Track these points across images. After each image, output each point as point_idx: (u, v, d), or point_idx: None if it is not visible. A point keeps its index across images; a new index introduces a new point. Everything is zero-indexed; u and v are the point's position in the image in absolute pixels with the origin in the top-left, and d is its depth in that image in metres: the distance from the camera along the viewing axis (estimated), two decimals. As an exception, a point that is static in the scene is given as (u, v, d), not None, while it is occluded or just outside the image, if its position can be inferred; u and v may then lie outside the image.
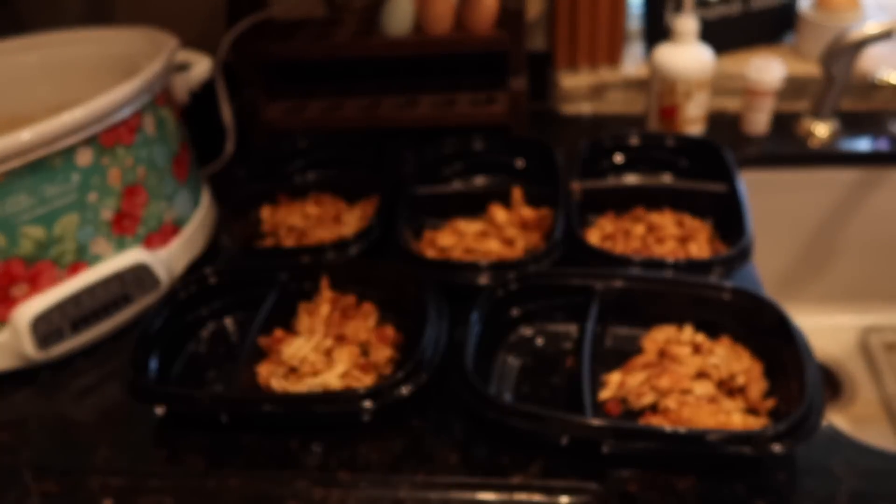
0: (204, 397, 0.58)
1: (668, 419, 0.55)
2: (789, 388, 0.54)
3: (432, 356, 0.58)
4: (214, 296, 0.71)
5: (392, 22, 0.92)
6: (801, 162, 0.93)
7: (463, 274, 0.68)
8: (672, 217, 0.77)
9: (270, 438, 0.59)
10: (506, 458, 0.55)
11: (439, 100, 0.98)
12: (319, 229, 0.81)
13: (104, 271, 0.69)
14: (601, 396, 0.59)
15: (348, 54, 0.94)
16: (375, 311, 0.69)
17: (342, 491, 0.55)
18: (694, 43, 0.88)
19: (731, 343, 0.61)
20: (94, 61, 0.84)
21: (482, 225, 0.79)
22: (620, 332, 0.65)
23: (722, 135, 0.95)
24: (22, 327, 0.65)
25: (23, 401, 0.67)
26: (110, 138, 0.66)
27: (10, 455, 0.61)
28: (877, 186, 0.95)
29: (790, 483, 0.52)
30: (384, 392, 0.55)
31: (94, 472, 0.58)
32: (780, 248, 1.04)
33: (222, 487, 0.56)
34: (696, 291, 0.63)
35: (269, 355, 0.64)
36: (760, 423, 0.54)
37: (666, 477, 0.53)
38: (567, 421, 0.53)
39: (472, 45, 0.91)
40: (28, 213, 0.62)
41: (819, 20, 0.96)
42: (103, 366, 0.70)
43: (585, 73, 1.03)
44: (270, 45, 0.95)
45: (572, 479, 0.53)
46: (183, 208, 0.78)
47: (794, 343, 0.55)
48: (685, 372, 0.59)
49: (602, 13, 0.97)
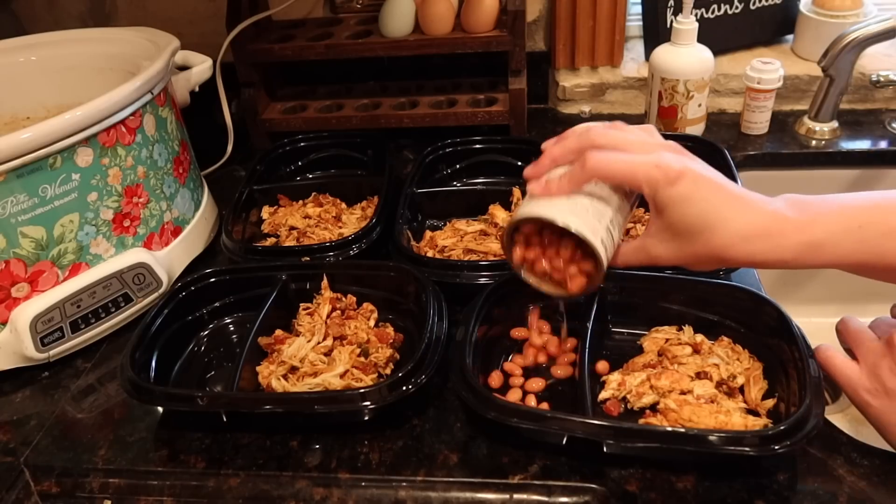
0: (204, 397, 0.58)
1: (667, 419, 0.55)
2: (789, 389, 0.54)
3: (432, 356, 0.58)
4: (214, 296, 0.71)
5: (392, 22, 0.92)
6: (801, 162, 0.93)
7: (463, 274, 0.68)
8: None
9: (270, 438, 0.59)
10: (506, 458, 0.55)
11: (439, 100, 0.98)
12: (319, 229, 0.81)
13: (104, 271, 0.69)
14: (601, 396, 0.59)
15: (348, 54, 0.94)
16: (375, 311, 0.69)
17: (342, 491, 0.55)
18: (694, 43, 0.88)
19: (731, 343, 0.61)
20: (94, 61, 0.84)
21: (482, 225, 0.79)
22: (620, 333, 0.65)
23: (722, 135, 0.95)
24: (22, 327, 0.65)
25: (23, 401, 0.67)
26: (110, 138, 0.66)
27: (10, 455, 0.61)
28: (876, 186, 0.95)
29: (790, 483, 0.52)
30: (384, 392, 0.55)
31: (94, 472, 0.58)
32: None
33: (222, 487, 0.56)
34: (695, 291, 0.63)
35: (269, 355, 0.64)
36: (760, 423, 0.54)
37: (666, 477, 0.53)
38: (567, 421, 0.53)
39: (472, 45, 0.91)
40: (28, 213, 0.62)
41: (819, 20, 0.96)
42: (103, 366, 0.70)
43: (585, 73, 1.03)
44: (270, 45, 0.95)
45: (572, 479, 0.53)
46: (183, 208, 0.78)
47: (794, 343, 0.55)
48: (685, 372, 0.59)
49: (602, 13, 0.97)
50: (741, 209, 0.48)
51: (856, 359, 0.54)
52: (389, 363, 0.64)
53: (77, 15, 1.12)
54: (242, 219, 0.83)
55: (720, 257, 0.50)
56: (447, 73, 1.03)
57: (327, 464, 0.57)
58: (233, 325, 0.72)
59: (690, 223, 0.49)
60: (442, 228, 0.80)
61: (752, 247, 0.48)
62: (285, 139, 0.94)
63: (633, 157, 0.50)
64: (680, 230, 0.50)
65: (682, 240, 0.50)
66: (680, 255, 0.51)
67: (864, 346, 0.54)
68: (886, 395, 0.51)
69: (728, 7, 0.99)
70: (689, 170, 0.49)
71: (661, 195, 0.49)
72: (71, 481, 0.58)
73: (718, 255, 0.49)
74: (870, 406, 0.52)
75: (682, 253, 0.51)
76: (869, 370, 0.52)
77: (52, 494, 0.57)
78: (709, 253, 0.49)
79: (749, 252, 0.49)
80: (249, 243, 0.81)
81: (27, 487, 0.58)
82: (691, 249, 0.50)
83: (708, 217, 0.48)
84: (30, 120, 0.86)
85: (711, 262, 0.50)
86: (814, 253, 0.48)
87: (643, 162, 0.49)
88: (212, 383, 0.66)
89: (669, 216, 0.50)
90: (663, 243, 0.52)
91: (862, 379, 0.52)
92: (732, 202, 0.49)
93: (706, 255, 0.50)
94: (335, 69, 1.06)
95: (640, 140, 0.52)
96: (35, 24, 1.12)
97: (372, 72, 1.06)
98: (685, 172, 0.49)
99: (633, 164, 0.50)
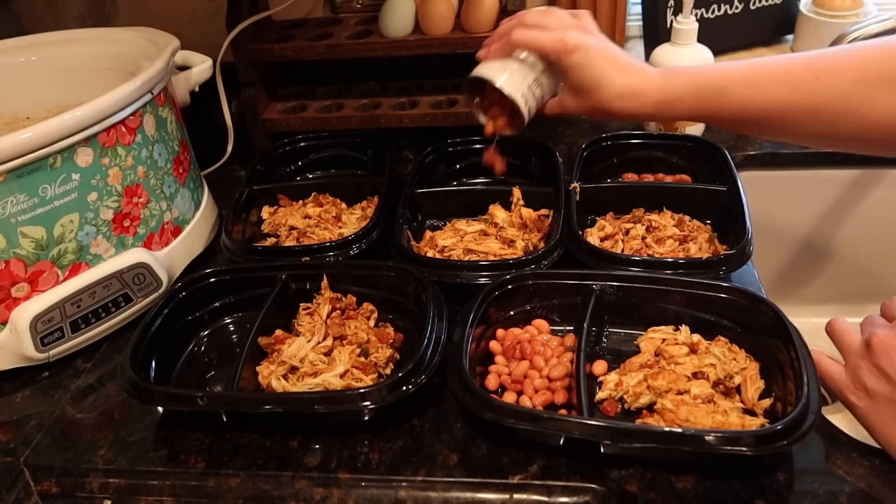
0: (204, 397, 0.58)
1: (664, 419, 0.55)
2: (786, 388, 0.55)
3: (432, 356, 0.58)
4: (214, 296, 0.71)
5: (392, 22, 0.92)
6: (800, 162, 0.93)
7: (463, 274, 0.68)
8: (672, 217, 0.77)
9: (270, 438, 0.59)
10: (506, 458, 0.55)
11: (439, 100, 0.98)
12: (319, 229, 0.81)
13: (104, 271, 0.69)
14: (598, 396, 0.59)
15: (348, 54, 0.94)
16: (375, 311, 0.69)
17: (342, 491, 0.55)
18: (694, 43, 0.88)
19: (728, 343, 0.61)
20: (94, 61, 0.84)
21: (482, 225, 0.79)
22: (617, 333, 0.66)
23: (722, 135, 0.95)
24: (22, 327, 0.65)
25: (23, 401, 0.67)
26: (110, 138, 0.66)
27: (10, 455, 0.61)
28: (876, 186, 0.95)
29: (790, 483, 0.52)
30: (384, 392, 0.55)
31: (94, 472, 0.58)
32: (779, 248, 1.04)
33: (222, 487, 0.56)
34: (692, 291, 0.63)
35: (269, 355, 0.64)
36: (757, 422, 0.54)
37: (666, 477, 0.53)
38: (564, 421, 0.53)
39: (472, 45, 0.91)
40: (28, 213, 0.62)
41: (819, 20, 0.96)
42: (103, 366, 0.70)
43: (585, 73, 1.03)
44: (270, 45, 0.95)
45: (572, 479, 0.53)
46: (183, 208, 0.78)
47: (791, 343, 0.55)
48: (682, 372, 0.59)
49: (602, 13, 0.97)
50: (622, 73, 0.61)
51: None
52: (389, 363, 0.64)
53: (77, 15, 1.12)
54: (242, 219, 0.83)
55: (606, 109, 0.63)
56: (447, 73, 1.03)
57: (327, 464, 0.57)
58: (233, 325, 0.72)
59: (585, 84, 0.62)
60: (442, 228, 0.80)
61: (624, 102, 0.62)
62: (285, 139, 0.94)
63: (544, 33, 0.63)
64: (578, 89, 0.63)
65: (582, 96, 0.64)
66: (582, 107, 0.65)
67: (847, 348, 0.55)
68: (869, 396, 0.52)
69: (728, 7, 0.99)
70: (584, 43, 0.62)
71: (563, 62, 0.63)
72: (71, 481, 0.58)
73: (605, 108, 0.63)
74: (856, 407, 0.53)
75: (584, 106, 0.64)
76: (851, 372, 0.53)
77: (52, 494, 0.57)
78: (598, 106, 0.63)
79: (621, 107, 0.62)
80: (249, 243, 0.81)
81: (27, 487, 0.58)
82: (588, 104, 0.64)
83: (596, 79, 0.62)
84: (30, 120, 0.86)
85: (602, 114, 0.64)
86: (668, 108, 0.62)
87: (551, 37, 0.63)
88: (212, 383, 0.66)
89: (570, 78, 0.63)
90: (571, 98, 0.65)
91: (846, 381, 0.53)
92: (617, 68, 0.62)
93: (597, 108, 0.63)
94: (335, 69, 1.06)
95: (559, 21, 0.64)
96: (35, 24, 1.12)
97: (372, 72, 1.06)
98: (581, 45, 0.61)
99: (543, 38, 0.63)
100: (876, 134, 0.55)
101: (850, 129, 0.56)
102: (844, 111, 0.55)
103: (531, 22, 0.65)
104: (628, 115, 0.63)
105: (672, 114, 0.63)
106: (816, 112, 0.56)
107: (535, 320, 0.66)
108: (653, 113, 0.62)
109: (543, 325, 0.65)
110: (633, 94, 0.61)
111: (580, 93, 0.63)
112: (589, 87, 0.62)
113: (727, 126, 0.63)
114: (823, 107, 0.56)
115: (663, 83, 0.61)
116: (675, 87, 0.61)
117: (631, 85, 0.61)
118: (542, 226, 0.77)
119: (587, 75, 0.62)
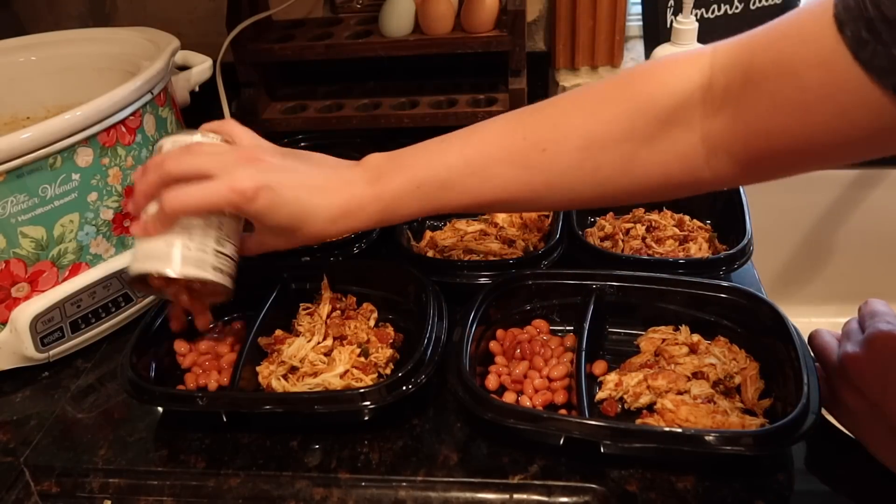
0: (204, 397, 0.58)
1: (664, 419, 0.55)
2: (786, 388, 0.55)
3: (432, 356, 0.58)
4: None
5: (392, 22, 0.92)
6: (800, 162, 0.93)
7: (463, 274, 0.68)
8: (672, 217, 0.77)
9: (270, 438, 0.59)
10: (506, 458, 0.55)
11: (439, 100, 0.98)
12: (319, 229, 0.81)
13: (104, 271, 0.69)
14: (598, 396, 0.59)
15: (348, 54, 0.94)
16: (375, 311, 0.69)
17: (342, 491, 0.55)
18: (694, 43, 0.88)
19: (728, 343, 0.61)
20: (94, 61, 0.84)
21: (482, 225, 0.79)
22: (617, 333, 0.66)
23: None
24: (22, 327, 0.65)
25: (23, 401, 0.67)
26: (110, 138, 0.66)
27: (10, 455, 0.61)
28: (875, 186, 0.96)
29: (790, 483, 0.52)
30: (384, 392, 0.55)
31: (94, 472, 0.58)
32: (779, 248, 1.04)
33: (222, 487, 0.56)
34: (692, 291, 0.63)
35: (269, 355, 0.64)
36: (757, 422, 0.54)
37: (666, 477, 0.53)
38: (564, 421, 0.53)
39: (472, 45, 0.91)
40: (28, 213, 0.62)
41: (819, 20, 0.96)
42: (103, 366, 0.70)
43: (585, 73, 1.03)
44: (270, 45, 0.95)
45: (572, 479, 0.53)
46: (183, 208, 0.78)
47: (791, 342, 0.55)
48: (682, 372, 0.59)
49: (602, 13, 0.97)
50: (324, 198, 0.54)
51: None
52: (389, 363, 0.64)
53: (77, 15, 1.12)
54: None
55: (321, 238, 0.56)
56: (447, 73, 1.03)
57: (327, 464, 0.57)
58: (233, 325, 0.72)
59: (285, 224, 0.54)
60: (442, 228, 0.80)
61: (340, 226, 0.55)
62: (285, 139, 0.94)
63: (206, 187, 0.51)
64: (279, 231, 0.55)
65: (287, 235, 0.55)
66: (292, 243, 0.56)
67: (828, 367, 0.54)
68: (850, 414, 0.51)
69: (728, 7, 0.99)
70: (265, 181, 0.51)
71: (246, 212, 0.53)
72: (71, 481, 0.58)
73: (319, 238, 0.56)
74: (843, 423, 0.52)
75: (293, 242, 0.56)
76: (831, 390, 0.53)
77: (52, 494, 0.57)
78: (311, 238, 0.55)
79: (340, 230, 0.55)
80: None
81: (27, 487, 0.58)
82: (297, 240, 0.55)
83: (297, 214, 0.53)
84: (30, 120, 0.86)
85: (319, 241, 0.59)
86: (392, 214, 0.55)
87: (217, 190, 0.51)
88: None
89: (264, 223, 0.54)
90: (274, 238, 0.57)
91: (828, 398, 0.53)
92: (317, 191, 0.54)
93: (311, 240, 0.56)
94: (335, 69, 1.06)
95: (218, 161, 0.53)
96: (35, 24, 1.12)
97: (372, 72, 1.06)
98: (261, 185, 0.51)
99: (208, 194, 0.51)
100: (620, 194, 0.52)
101: (593, 192, 0.52)
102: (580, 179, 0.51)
103: (179, 172, 0.52)
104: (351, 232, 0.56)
105: (399, 218, 0.56)
106: (552, 185, 0.52)
107: (535, 320, 0.66)
108: (376, 223, 0.56)
109: (543, 325, 0.65)
110: (346, 215, 0.54)
111: (284, 233, 0.55)
112: (292, 226, 0.54)
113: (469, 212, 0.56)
114: (559, 179, 0.51)
115: (377, 191, 0.54)
116: (393, 191, 0.54)
117: (339, 205, 0.54)
118: (542, 226, 0.78)
119: (284, 214, 0.53)
